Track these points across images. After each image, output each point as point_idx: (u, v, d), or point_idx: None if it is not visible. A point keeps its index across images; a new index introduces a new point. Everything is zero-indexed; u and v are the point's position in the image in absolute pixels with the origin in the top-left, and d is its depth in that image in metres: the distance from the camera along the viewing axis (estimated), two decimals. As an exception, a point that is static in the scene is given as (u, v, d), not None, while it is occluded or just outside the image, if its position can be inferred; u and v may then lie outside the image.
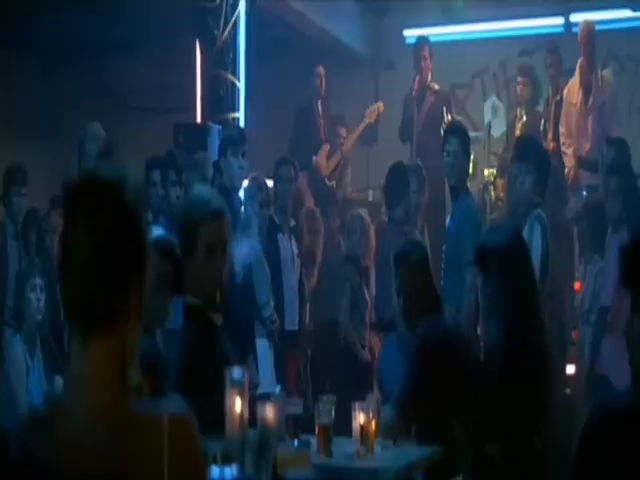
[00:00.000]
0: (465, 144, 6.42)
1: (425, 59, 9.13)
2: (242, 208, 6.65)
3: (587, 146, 8.36)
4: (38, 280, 6.23)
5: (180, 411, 1.86)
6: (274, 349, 6.84)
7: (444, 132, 6.55)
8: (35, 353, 6.11)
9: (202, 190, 3.80)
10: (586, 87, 8.47)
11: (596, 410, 2.14)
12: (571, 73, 8.75)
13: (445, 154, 6.38)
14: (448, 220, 6.78)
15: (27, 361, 6.05)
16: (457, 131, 6.63)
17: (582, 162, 8.28)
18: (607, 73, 8.66)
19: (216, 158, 6.81)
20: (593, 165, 7.99)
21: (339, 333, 7.20)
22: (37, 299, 6.17)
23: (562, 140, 8.49)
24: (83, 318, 1.84)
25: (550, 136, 8.59)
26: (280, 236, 7.19)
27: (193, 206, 3.41)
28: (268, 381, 6.20)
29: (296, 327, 7.20)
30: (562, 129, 8.51)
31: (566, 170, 8.38)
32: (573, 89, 8.54)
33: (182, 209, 3.51)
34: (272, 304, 6.74)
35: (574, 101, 8.50)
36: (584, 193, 7.88)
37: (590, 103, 8.42)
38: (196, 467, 1.88)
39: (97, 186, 1.85)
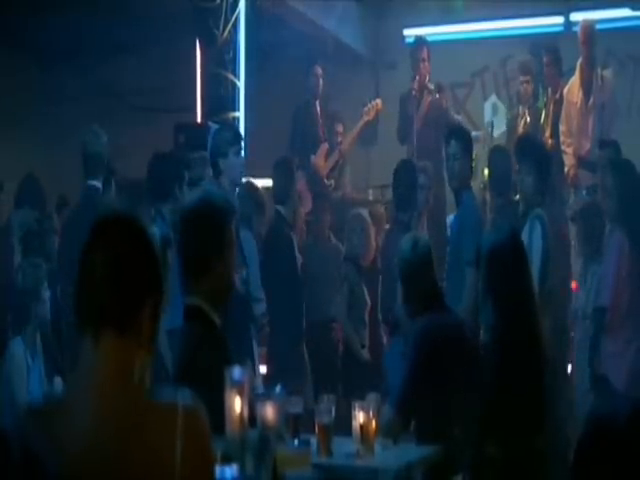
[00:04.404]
0: (467, 146, 6.38)
1: (423, 61, 9.08)
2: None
3: (587, 146, 8.35)
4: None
5: (192, 403, 1.88)
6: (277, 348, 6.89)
7: (445, 135, 6.52)
8: (36, 353, 6.08)
9: (217, 191, 3.80)
10: (586, 86, 8.46)
11: (592, 419, 2.14)
12: (571, 72, 8.75)
13: (446, 157, 6.36)
14: (452, 220, 6.78)
15: (28, 361, 6.02)
16: (458, 133, 6.57)
17: (582, 162, 8.27)
18: (607, 73, 8.64)
19: (215, 159, 6.78)
20: (593, 165, 7.99)
21: (336, 332, 7.19)
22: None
23: (562, 139, 8.48)
24: (95, 320, 1.94)
25: (548, 134, 8.59)
26: (292, 236, 7.23)
27: (221, 206, 3.40)
28: (258, 381, 6.25)
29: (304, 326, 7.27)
30: (562, 128, 8.51)
31: (566, 169, 8.38)
32: (573, 88, 8.54)
33: (208, 208, 3.42)
34: (264, 301, 6.75)
35: (574, 100, 8.49)
36: (584, 192, 7.88)
37: (590, 103, 8.42)
38: (207, 456, 1.91)
39: (119, 222, 2.03)
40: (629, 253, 6.19)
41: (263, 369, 6.94)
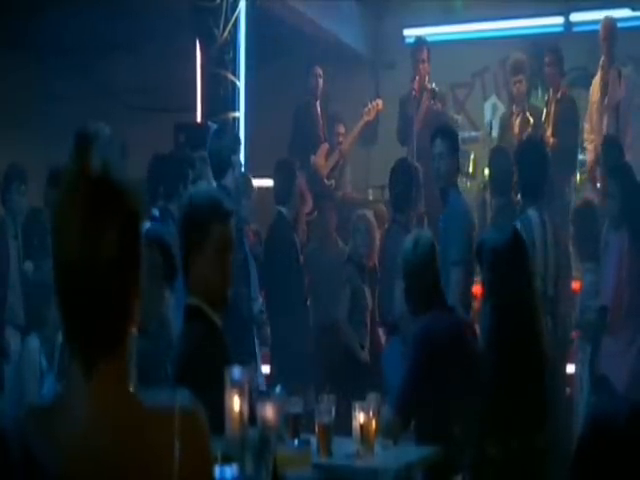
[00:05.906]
0: (452, 145, 6.32)
1: (423, 61, 9.05)
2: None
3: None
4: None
5: (190, 404, 1.87)
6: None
7: (431, 135, 6.49)
8: (53, 358, 5.98)
9: (211, 189, 3.78)
10: (605, 85, 8.46)
11: (592, 419, 2.14)
12: (572, 72, 8.75)
13: (432, 157, 6.34)
14: (440, 220, 6.77)
15: (41, 362, 5.91)
16: (444, 132, 6.51)
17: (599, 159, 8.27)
18: (626, 71, 8.63)
19: (226, 156, 6.77)
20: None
21: (338, 334, 7.16)
22: None
23: (585, 136, 8.51)
24: (89, 351, 1.81)
25: (549, 133, 8.58)
26: (295, 236, 7.23)
27: (205, 205, 3.38)
28: (260, 380, 6.25)
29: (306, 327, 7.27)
30: (586, 126, 8.53)
31: (587, 165, 8.38)
32: (595, 86, 8.54)
33: (190, 207, 3.43)
34: (260, 299, 6.74)
35: (594, 98, 8.50)
36: (598, 185, 7.88)
37: (606, 101, 8.40)
38: (206, 457, 1.90)
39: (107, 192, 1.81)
40: (629, 253, 6.19)
41: (266, 369, 6.94)
